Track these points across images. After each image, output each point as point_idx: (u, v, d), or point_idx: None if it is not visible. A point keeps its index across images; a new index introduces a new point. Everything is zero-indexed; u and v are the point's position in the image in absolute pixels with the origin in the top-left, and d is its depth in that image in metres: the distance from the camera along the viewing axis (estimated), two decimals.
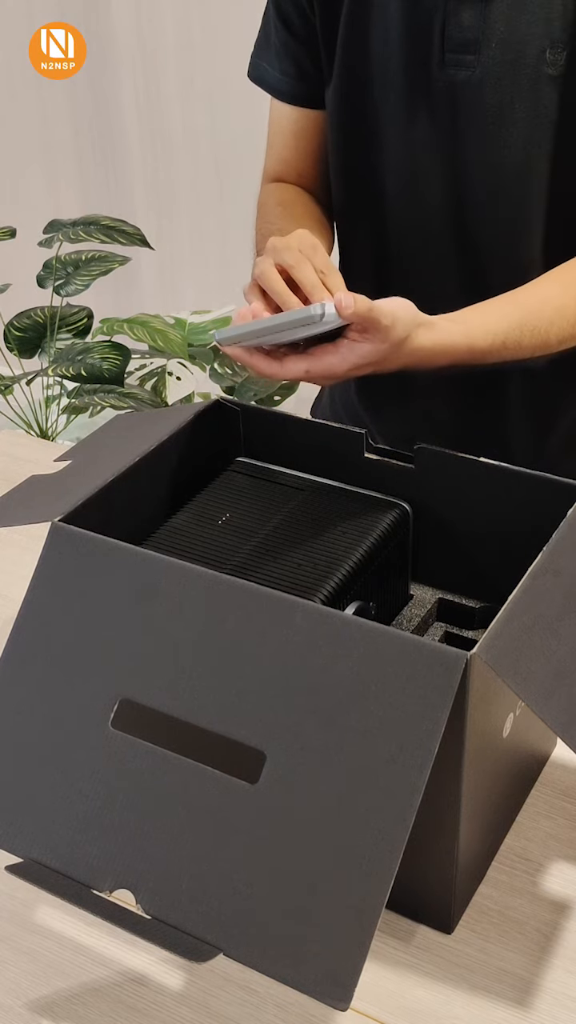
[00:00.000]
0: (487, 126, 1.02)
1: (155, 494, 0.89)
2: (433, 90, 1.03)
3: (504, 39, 0.99)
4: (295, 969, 0.62)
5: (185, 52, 2.42)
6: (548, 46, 0.98)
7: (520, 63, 0.99)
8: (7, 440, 1.41)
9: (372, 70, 1.06)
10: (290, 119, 1.17)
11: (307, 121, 1.16)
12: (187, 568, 0.72)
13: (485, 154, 1.04)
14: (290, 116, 1.17)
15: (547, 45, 0.98)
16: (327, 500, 0.90)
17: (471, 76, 1.01)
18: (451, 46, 1.01)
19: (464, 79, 1.01)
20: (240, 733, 0.67)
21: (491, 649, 0.64)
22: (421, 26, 1.02)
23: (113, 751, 0.69)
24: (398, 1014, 0.73)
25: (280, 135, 1.18)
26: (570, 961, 0.76)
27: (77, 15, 2.37)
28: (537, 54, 0.98)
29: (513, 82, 1.00)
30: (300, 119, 1.16)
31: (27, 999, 0.74)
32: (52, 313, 2.11)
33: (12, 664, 0.74)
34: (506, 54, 0.99)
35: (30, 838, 0.70)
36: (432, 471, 0.88)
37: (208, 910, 0.65)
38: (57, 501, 0.80)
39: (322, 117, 1.14)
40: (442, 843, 0.72)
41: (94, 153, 2.61)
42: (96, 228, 2.06)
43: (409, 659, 0.64)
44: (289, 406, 2.26)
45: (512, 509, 0.85)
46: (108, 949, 0.77)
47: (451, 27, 1.00)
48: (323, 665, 0.66)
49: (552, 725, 0.65)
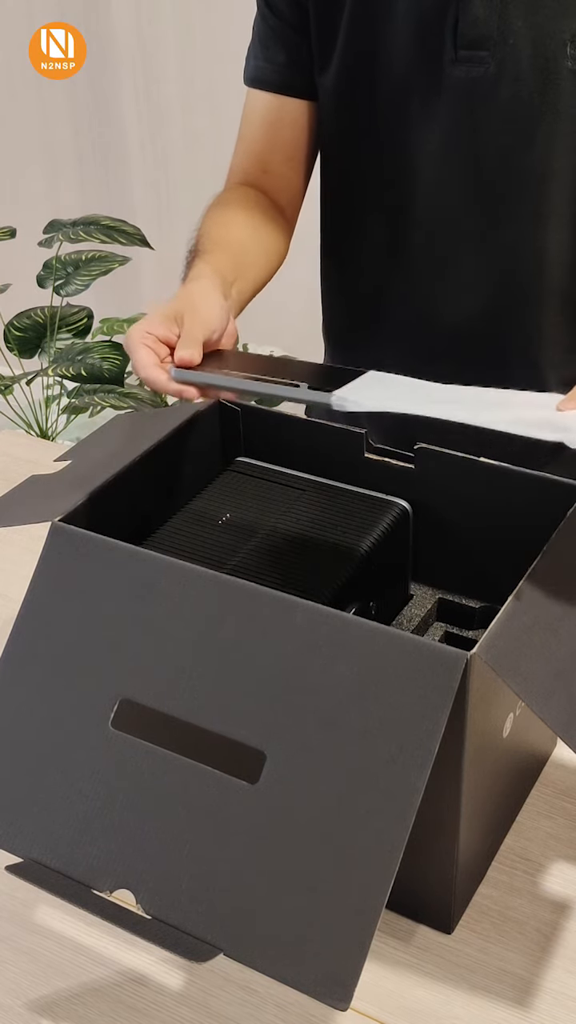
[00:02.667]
0: (502, 123, 1.01)
1: (155, 494, 0.89)
2: (446, 87, 1.02)
3: (521, 34, 0.98)
4: (295, 969, 0.62)
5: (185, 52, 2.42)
6: (569, 40, 0.97)
7: (539, 58, 0.98)
8: (7, 440, 1.41)
9: (378, 66, 1.04)
10: (266, 107, 1.14)
11: (283, 111, 1.13)
12: (187, 568, 0.72)
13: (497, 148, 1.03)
14: (267, 105, 1.14)
15: (568, 39, 0.97)
16: (327, 500, 0.90)
17: (486, 72, 1.00)
18: (464, 43, 1.00)
19: (479, 76, 1.00)
20: (240, 733, 0.67)
21: (491, 649, 0.64)
22: (432, 20, 1.00)
23: (113, 751, 0.69)
24: (398, 1014, 0.73)
25: (251, 127, 1.16)
26: (570, 961, 0.76)
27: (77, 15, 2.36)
28: (557, 48, 0.97)
29: (531, 78, 0.99)
30: (277, 108, 1.13)
31: (27, 999, 0.74)
32: (52, 313, 2.11)
33: (12, 664, 0.74)
34: (523, 49, 0.98)
35: (30, 838, 0.70)
36: (432, 471, 0.88)
37: (208, 910, 0.65)
38: (57, 501, 0.80)
39: (301, 108, 1.12)
40: (442, 843, 0.72)
41: (94, 153, 2.61)
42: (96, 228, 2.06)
43: (409, 659, 0.64)
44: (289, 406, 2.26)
45: (512, 509, 0.85)
46: (108, 949, 0.77)
47: (464, 23, 0.99)
48: (323, 665, 0.66)
49: (552, 725, 0.65)
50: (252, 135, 1.16)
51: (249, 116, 1.16)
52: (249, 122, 1.16)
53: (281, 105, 1.13)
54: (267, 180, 1.16)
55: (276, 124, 1.14)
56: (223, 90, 2.40)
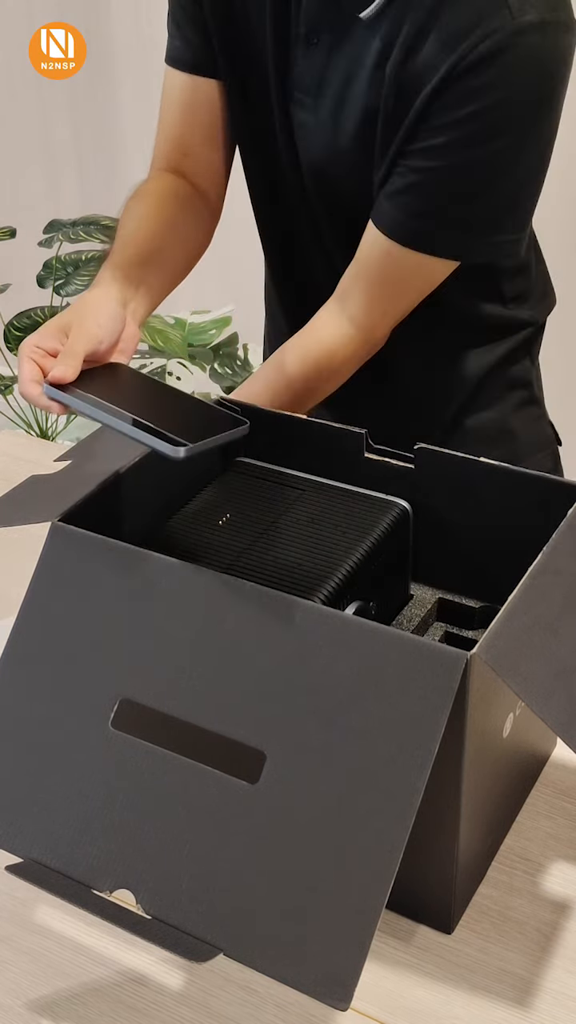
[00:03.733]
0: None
1: (155, 494, 0.89)
2: None
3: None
4: (295, 969, 0.62)
5: None
6: None
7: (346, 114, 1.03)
8: (7, 440, 1.41)
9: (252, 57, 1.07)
10: (182, 87, 1.13)
11: (199, 91, 1.12)
12: (187, 568, 0.72)
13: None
14: (183, 85, 1.13)
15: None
16: (327, 500, 0.90)
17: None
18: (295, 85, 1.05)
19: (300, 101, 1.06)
20: (240, 733, 0.67)
21: (491, 649, 0.64)
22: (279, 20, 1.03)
23: (113, 751, 0.69)
24: (398, 1014, 0.73)
25: (169, 110, 1.15)
26: (570, 961, 0.76)
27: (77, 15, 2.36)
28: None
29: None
30: (192, 88, 1.12)
31: (27, 999, 0.74)
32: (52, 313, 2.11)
33: (12, 664, 0.74)
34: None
35: (30, 838, 0.70)
36: (432, 471, 0.88)
37: (208, 910, 0.65)
38: (57, 501, 0.80)
39: (216, 88, 1.12)
40: (442, 843, 0.72)
41: (94, 153, 2.61)
42: (96, 228, 2.06)
43: (409, 659, 0.64)
44: None
45: (512, 509, 0.85)
46: (108, 949, 0.77)
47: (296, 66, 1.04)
48: (323, 665, 0.66)
49: (552, 725, 0.65)
50: (171, 118, 1.15)
51: (167, 98, 1.15)
52: (168, 104, 1.15)
53: (196, 85, 1.12)
54: (187, 163, 1.16)
55: (192, 105, 1.13)
56: None
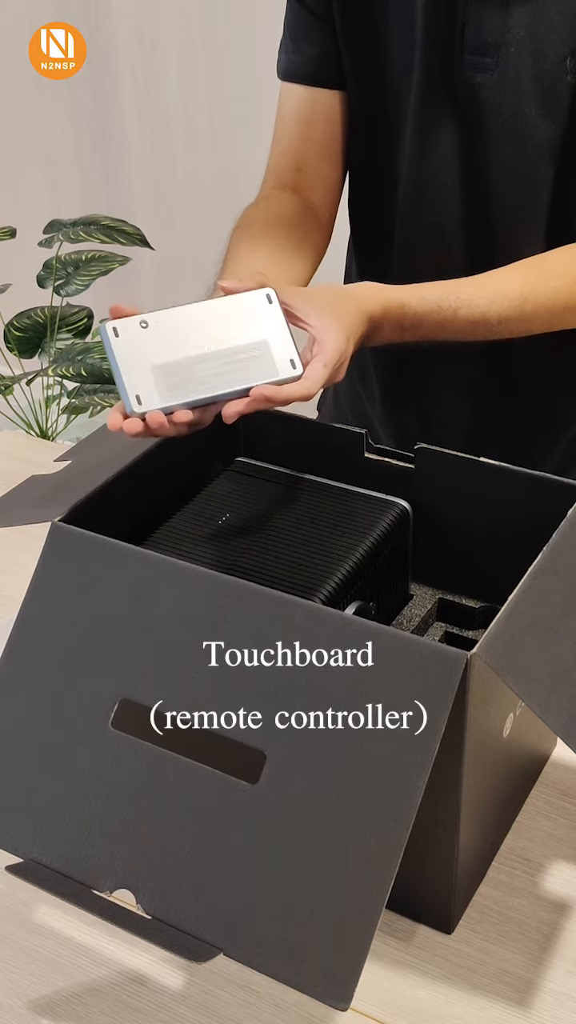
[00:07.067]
0: (501, 128, 1.03)
1: (155, 494, 0.89)
2: (451, 89, 1.03)
3: (523, 44, 0.99)
4: (295, 969, 0.62)
5: (185, 52, 2.42)
6: (568, 54, 0.98)
7: (538, 68, 0.99)
8: (7, 440, 1.41)
9: (392, 63, 1.06)
10: (299, 101, 1.14)
11: (316, 104, 1.13)
12: (187, 568, 0.72)
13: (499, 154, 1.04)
14: (300, 98, 1.14)
15: (567, 53, 0.98)
16: (327, 500, 0.90)
17: (489, 78, 1.01)
18: (470, 48, 1.01)
19: (482, 81, 1.02)
20: (240, 733, 0.67)
21: (491, 649, 0.64)
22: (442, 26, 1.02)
23: (113, 751, 0.69)
24: (398, 1014, 0.73)
25: (284, 124, 1.16)
26: (570, 961, 0.76)
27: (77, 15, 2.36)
28: (557, 61, 0.99)
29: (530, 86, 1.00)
30: (310, 101, 1.13)
31: (27, 999, 0.74)
32: (52, 313, 2.11)
33: (12, 664, 0.74)
34: (524, 59, 0.99)
35: (30, 838, 0.70)
36: (432, 471, 0.88)
37: (208, 910, 0.65)
38: (57, 501, 0.80)
39: (334, 99, 1.13)
40: (442, 843, 0.72)
41: (94, 153, 2.61)
42: (96, 228, 2.06)
43: (409, 659, 0.64)
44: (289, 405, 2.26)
45: (512, 509, 0.85)
46: (108, 949, 0.77)
47: (470, 29, 1.00)
48: (323, 665, 0.66)
49: (552, 725, 0.65)
50: (286, 133, 1.16)
51: (283, 113, 1.16)
52: (283, 119, 1.17)
53: (314, 98, 1.13)
54: (301, 178, 1.16)
55: (309, 119, 1.14)
56: (223, 90, 2.40)
